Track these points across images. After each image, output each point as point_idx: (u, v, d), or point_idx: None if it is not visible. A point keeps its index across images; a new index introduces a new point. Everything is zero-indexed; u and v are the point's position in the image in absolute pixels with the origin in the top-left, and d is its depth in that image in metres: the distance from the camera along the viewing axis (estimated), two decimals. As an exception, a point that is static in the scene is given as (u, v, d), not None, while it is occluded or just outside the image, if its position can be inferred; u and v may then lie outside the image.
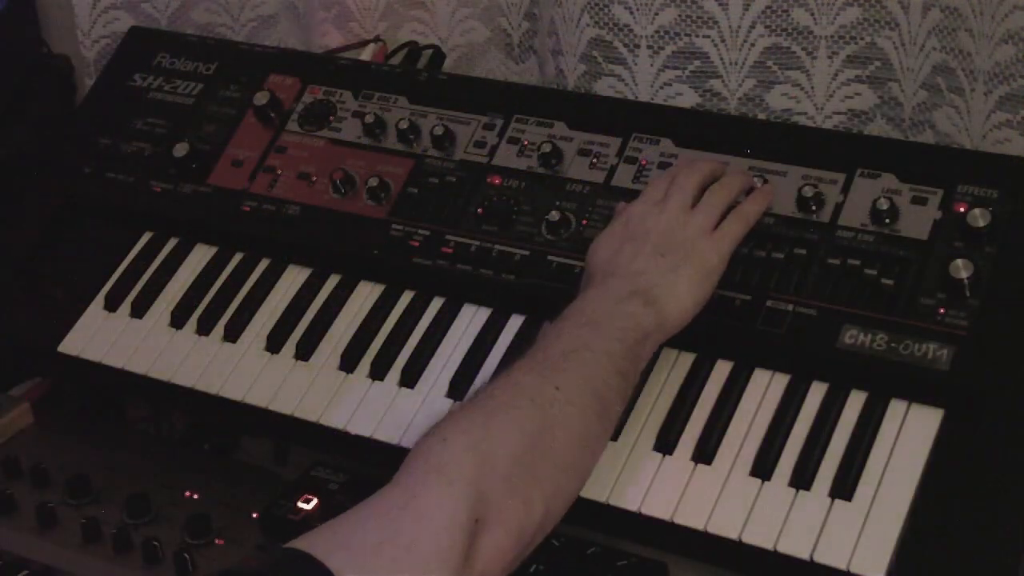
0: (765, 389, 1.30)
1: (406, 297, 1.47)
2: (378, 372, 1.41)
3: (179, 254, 1.58)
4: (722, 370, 1.32)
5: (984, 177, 1.33)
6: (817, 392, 1.28)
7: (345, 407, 1.39)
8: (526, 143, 1.51)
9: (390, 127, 1.56)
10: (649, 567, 1.28)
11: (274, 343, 1.46)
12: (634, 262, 1.25)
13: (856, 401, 1.27)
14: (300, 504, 1.35)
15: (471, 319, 1.43)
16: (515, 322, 1.41)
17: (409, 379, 1.39)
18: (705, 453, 1.26)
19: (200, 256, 1.57)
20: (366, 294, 1.48)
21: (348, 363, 1.42)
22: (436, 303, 1.45)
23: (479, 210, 1.47)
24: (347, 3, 1.80)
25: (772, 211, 1.37)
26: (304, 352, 1.44)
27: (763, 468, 1.24)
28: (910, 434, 1.23)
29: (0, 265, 1.64)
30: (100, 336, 1.53)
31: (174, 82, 1.70)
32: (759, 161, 1.41)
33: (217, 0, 1.91)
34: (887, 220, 1.33)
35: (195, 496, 1.42)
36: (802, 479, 1.22)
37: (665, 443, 1.28)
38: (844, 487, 1.21)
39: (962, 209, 1.31)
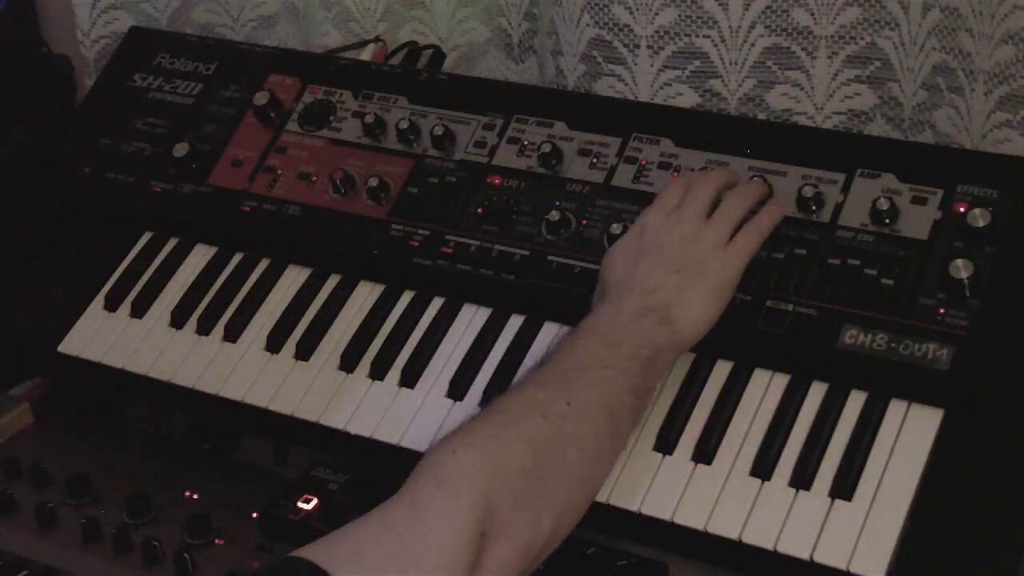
0: (765, 389, 1.30)
1: (406, 297, 1.47)
2: (378, 372, 1.41)
3: (179, 254, 1.58)
4: (722, 370, 1.32)
5: (984, 177, 1.33)
6: (817, 392, 1.28)
7: (345, 407, 1.39)
8: (526, 143, 1.51)
9: (390, 127, 1.56)
10: (649, 567, 1.29)
11: (274, 343, 1.46)
12: (649, 278, 1.25)
13: (856, 401, 1.27)
14: (300, 504, 1.35)
15: (471, 319, 1.43)
16: (515, 322, 1.41)
17: (409, 379, 1.39)
18: (705, 453, 1.26)
19: (200, 256, 1.57)
20: (366, 294, 1.48)
21: (348, 363, 1.42)
22: (436, 303, 1.45)
23: (479, 210, 1.47)
24: (347, 3, 1.80)
25: (772, 211, 1.37)
26: (304, 352, 1.44)
27: (763, 468, 1.24)
28: (910, 434, 1.23)
29: (0, 265, 1.64)
30: (100, 336, 1.53)
31: (174, 82, 1.70)
32: (759, 161, 1.41)
33: (217, 0, 1.91)
34: (887, 220, 1.33)
35: (195, 496, 1.42)
36: (802, 479, 1.22)
37: (665, 443, 1.28)
38: (844, 487, 1.21)
39: (962, 209, 1.31)
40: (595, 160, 1.47)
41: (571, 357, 1.19)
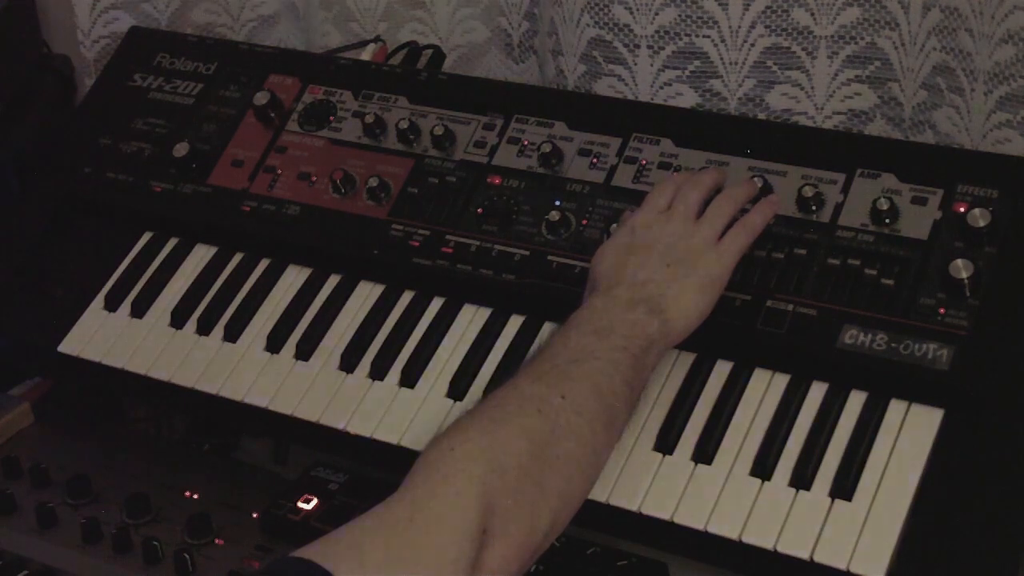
0: (765, 389, 1.30)
1: (406, 297, 1.47)
2: (378, 372, 1.41)
3: (179, 254, 1.58)
4: (722, 370, 1.32)
5: (984, 177, 1.33)
6: (817, 392, 1.28)
7: (345, 407, 1.39)
8: (526, 143, 1.51)
9: (390, 127, 1.56)
10: (649, 567, 1.29)
11: (274, 343, 1.46)
12: (640, 271, 1.25)
13: (856, 401, 1.27)
14: (300, 504, 1.35)
15: (471, 319, 1.43)
16: (515, 322, 1.41)
17: (409, 379, 1.39)
18: (705, 453, 1.26)
19: (200, 256, 1.57)
20: (366, 294, 1.48)
21: (348, 363, 1.42)
22: (436, 303, 1.45)
23: (479, 210, 1.47)
24: (347, 3, 1.81)
25: (772, 211, 1.37)
26: (304, 352, 1.44)
27: (763, 468, 1.24)
28: (910, 434, 1.23)
29: (0, 265, 1.64)
30: (100, 336, 1.53)
31: (174, 82, 1.70)
32: (759, 161, 1.41)
33: (217, 0, 1.91)
34: (887, 220, 1.33)
35: (195, 496, 1.42)
36: (802, 479, 1.22)
37: (665, 443, 1.28)
38: (844, 487, 1.21)
39: (962, 209, 1.31)
40: (595, 160, 1.47)
41: (564, 351, 1.19)
